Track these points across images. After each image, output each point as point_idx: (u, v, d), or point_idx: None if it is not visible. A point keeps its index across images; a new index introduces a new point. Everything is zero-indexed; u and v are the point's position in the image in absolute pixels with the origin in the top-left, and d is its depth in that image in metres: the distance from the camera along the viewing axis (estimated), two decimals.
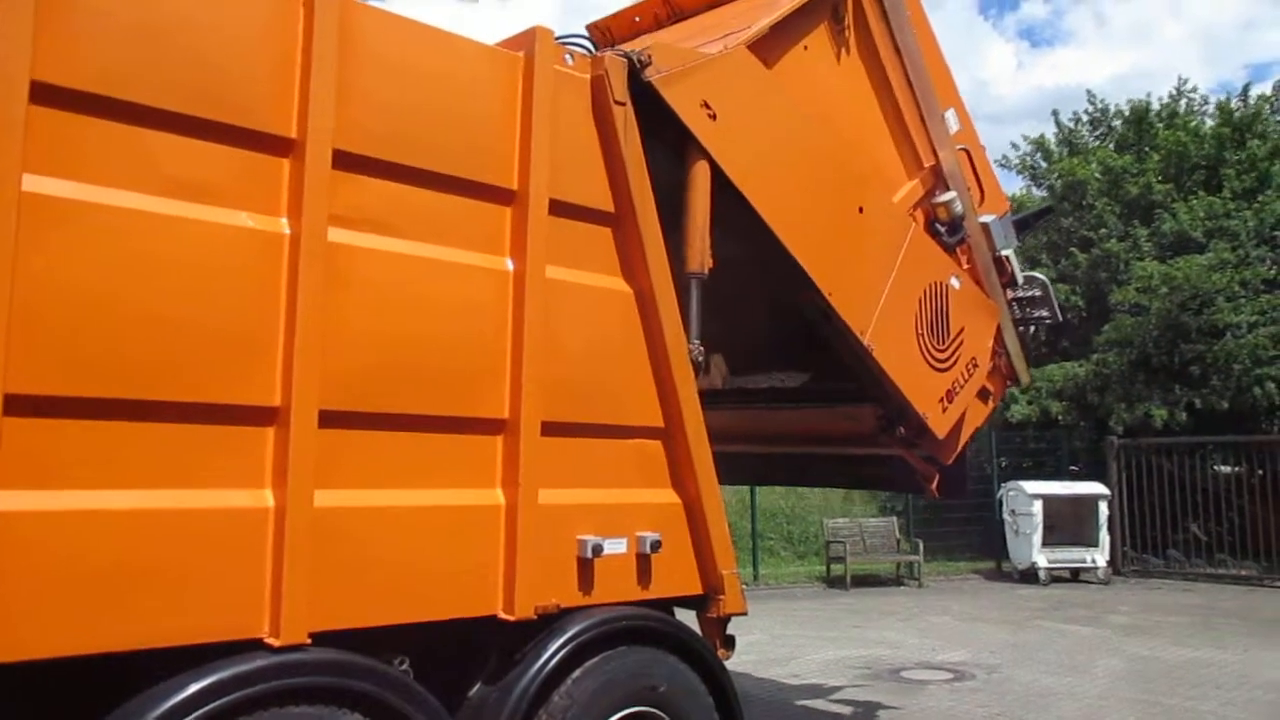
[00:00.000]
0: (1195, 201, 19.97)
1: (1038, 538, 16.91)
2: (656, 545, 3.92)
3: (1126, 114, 23.16)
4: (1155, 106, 22.89)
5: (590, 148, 3.90)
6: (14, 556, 2.55)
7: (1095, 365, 19.28)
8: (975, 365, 5.94)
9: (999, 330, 6.36)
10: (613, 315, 3.94)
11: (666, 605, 4.16)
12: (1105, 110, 24.42)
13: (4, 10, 2.56)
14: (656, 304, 3.98)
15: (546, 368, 3.62)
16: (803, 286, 4.83)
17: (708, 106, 4.23)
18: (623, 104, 3.91)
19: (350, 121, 3.20)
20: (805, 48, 5.02)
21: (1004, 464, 19.97)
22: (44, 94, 2.64)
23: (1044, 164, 24.76)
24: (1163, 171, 20.91)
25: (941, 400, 5.68)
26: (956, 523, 19.23)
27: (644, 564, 3.94)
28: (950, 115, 5.90)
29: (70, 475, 2.67)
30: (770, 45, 4.74)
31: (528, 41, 3.73)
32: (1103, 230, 20.72)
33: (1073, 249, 21.12)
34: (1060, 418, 19.75)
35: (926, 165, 5.79)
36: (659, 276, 3.99)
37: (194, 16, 2.93)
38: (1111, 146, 23.07)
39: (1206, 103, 23.64)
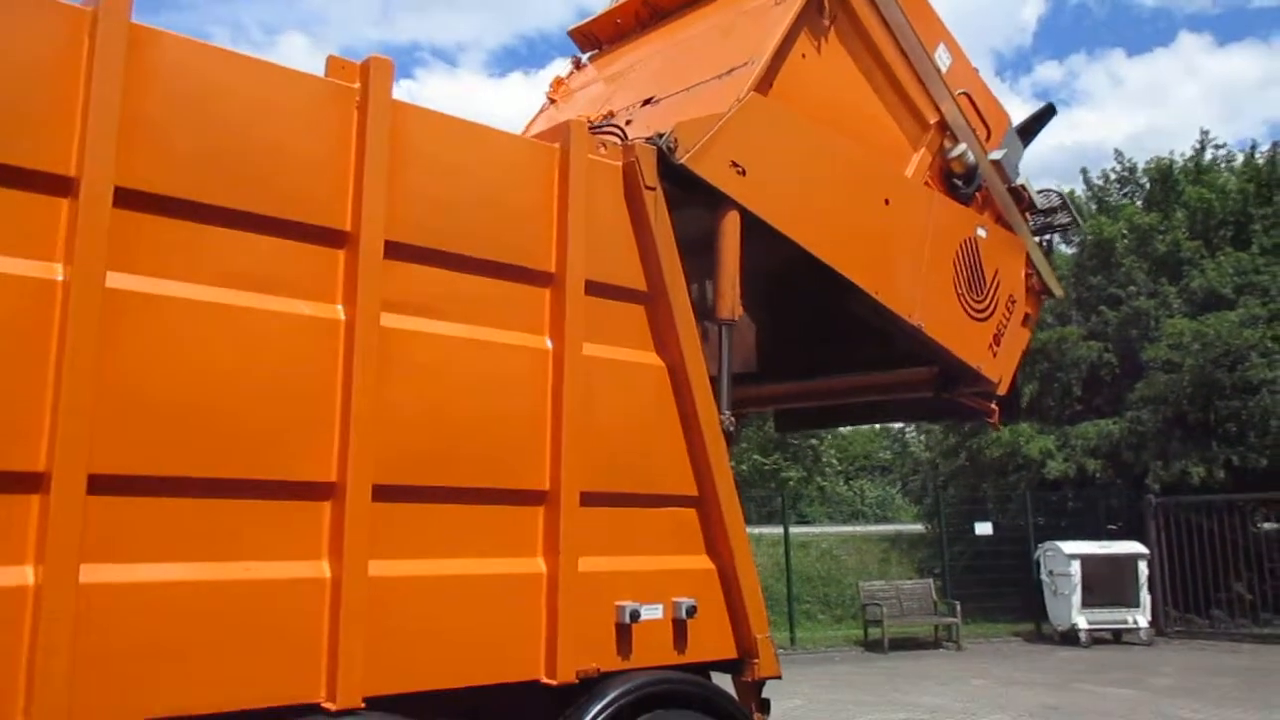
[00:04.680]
0: (1223, 258, 19.95)
1: (1077, 598, 16.69)
2: (692, 610, 4.04)
3: (1153, 171, 23.16)
4: (1179, 162, 22.93)
5: (623, 230, 4.11)
6: (93, 627, 2.73)
7: (1130, 423, 19.17)
8: (1014, 301, 6.13)
9: (1028, 256, 6.46)
10: (647, 388, 4.12)
11: (702, 669, 4.26)
12: (1133, 168, 24.52)
13: (93, 129, 2.83)
14: (688, 376, 4.16)
15: (585, 440, 3.80)
16: (846, 290, 4.99)
17: (736, 165, 4.39)
18: (652, 188, 4.13)
19: (400, 213, 3.44)
20: (803, 56, 5.01)
21: (1040, 523, 19.77)
22: (125, 199, 2.90)
23: None
24: (1189, 228, 20.93)
25: (990, 346, 5.86)
26: (994, 584, 19.01)
27: (680, 629, 4.07)
28: (941, 52, 5.78)
29: (144, 549, 2.87)
30: (771, 69, 4.74)
31: (563, 133, 3.98)
32: (1131, 288, 20.72)
33: (1102, 307, 21.12)
34: (1096, 475, 19.59)
35: (932, 122, 5.75)
36: (690, 350, 4.17)
37: (258, 124, 3.20)
38: (1139, 204, 23.12)
39: (1234, 158, 23.65)
